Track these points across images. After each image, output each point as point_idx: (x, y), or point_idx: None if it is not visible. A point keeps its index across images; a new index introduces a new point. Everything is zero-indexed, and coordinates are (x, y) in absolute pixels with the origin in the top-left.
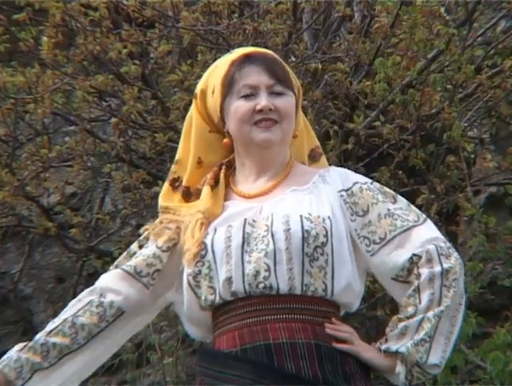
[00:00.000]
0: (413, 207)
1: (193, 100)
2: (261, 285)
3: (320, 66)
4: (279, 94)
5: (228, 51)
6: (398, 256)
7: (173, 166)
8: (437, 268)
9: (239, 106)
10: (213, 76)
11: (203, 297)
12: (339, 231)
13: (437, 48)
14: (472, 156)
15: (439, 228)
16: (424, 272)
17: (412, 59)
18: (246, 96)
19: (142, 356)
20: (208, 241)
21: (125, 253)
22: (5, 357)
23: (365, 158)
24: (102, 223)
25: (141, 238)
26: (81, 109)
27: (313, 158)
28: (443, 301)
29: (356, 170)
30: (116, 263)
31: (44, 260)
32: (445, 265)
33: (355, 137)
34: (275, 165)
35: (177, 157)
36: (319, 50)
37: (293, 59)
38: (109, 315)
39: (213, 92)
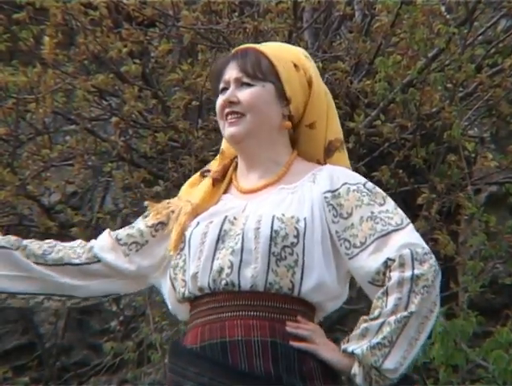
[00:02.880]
0: (399, 210)
1: None
2: (223, 282)
3: (320, 65)
4: (246, 86)
5: (228, 50)
6: (374, 261)
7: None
8: (408, 273)
9: (217, 102)
10: None
11: (177, 290)
12: (314, 232)
13: (437, 47)
14: (473, 155)
15: (440, 227)
16: (394, 275)
17: (412, 58)
18: (222, 91)
19: (142, 355)
20: (187, 234)
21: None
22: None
23: (365, 157)
24: (103, 222)
25: (145, 213)
26: (82, 108)
27: (328, 151)
28: (409, 307)
29: (356, 170)
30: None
31: None
32: (416, 271)
33: (355, 136)
34: (262, 160)
35: (221, 148)
36: (319, 49)
37: None
38: (85, 257)
39: None
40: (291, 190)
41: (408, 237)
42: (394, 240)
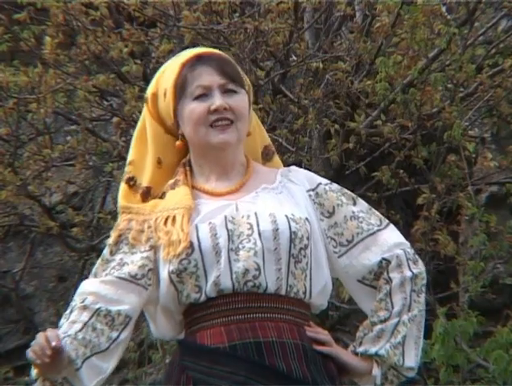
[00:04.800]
0: (374, 210)
1: (144, 105)
2: (249, 284)
3: (321, 65)
4: (232, 93)
5: (229, 49)
6: (367, 259)
7: (126, 166)
8: (407, 273)
9: (193, 108)
10: (164, 79)
11: (185, 294)
12: (315, 233)
13: (438, 47)
14: (473, 155)
15: (441, 227)
16: (395, 276)
17: (413, 59)
18: (200, 97)
19: (143, 355)
20: (193, 240)
21: (99, 261)
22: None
23: (366, 157)
24: (104, 222)
25: (110, 242)
26: (83, 109)
27: (266, 155)
28: (414, 306)
29: (357, 170)
30: (94, 272)
31: (46, 259)
32: (415, 271)
33: (356, 137)
34: (235, 165)
35: (130, 158)
36: (320, 49)
37: (294, 58)
38: (118, 323)
39: (165, 96)
40: (276, 191)
41: (396, 236)
42: (383, 239)
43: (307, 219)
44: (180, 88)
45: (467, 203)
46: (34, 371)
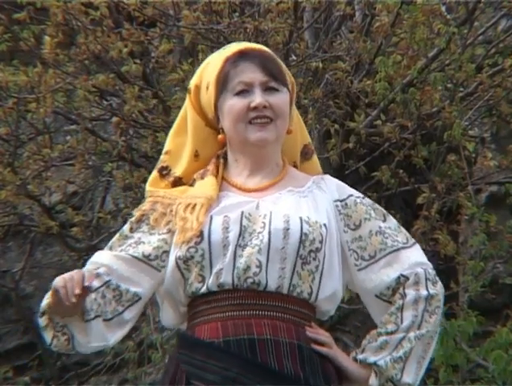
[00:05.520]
0: (402, 228)
1: (187, 96)
2: (249, 280)
3: (320, 65)
4: (274, 91)
5: None
6: (386, 275)
7: (162, 155)
8: (423, 292)
9: (234, 104)
10: (207, 72)
11: (189, 282)
12: (332, 240)
13: (438, 47)
14: (473, 155)
15: (441, 227)
16: (410, 293)
17: (413, 58)
18: (240, 93)
19: (143, 355)
20: (205, 230)
21: (117, 235)
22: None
23: (365, 156)
24: (103, 222)
25: (132, 220)
26: (82, 108)
27: (305, 154)
28: (423, 326)
29: (357, 169)
30: (110, 245)
31: (46, 258)
32: (431, 291)
33: (356, 136)
34: (270, 163)
35: (167, 148)
36: (320, 49)
37: (294, 57)
38: (125, 300)
39: (207, 89)
40: (302, 194)
41: (419, 256)
42: (405, 257)
43: (324, 225)
44: (222, 83)
45: (467, 203)
46: (45, 302)
